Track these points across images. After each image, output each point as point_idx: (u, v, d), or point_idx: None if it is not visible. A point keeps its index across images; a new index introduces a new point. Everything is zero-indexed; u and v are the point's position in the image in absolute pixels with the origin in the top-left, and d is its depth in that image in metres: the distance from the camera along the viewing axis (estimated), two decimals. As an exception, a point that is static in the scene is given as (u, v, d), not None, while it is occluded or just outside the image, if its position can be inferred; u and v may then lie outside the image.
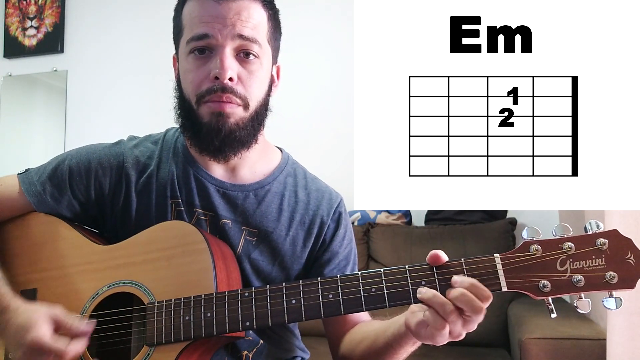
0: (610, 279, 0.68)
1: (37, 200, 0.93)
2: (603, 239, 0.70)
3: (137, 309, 0.86)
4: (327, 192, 1.01)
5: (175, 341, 0.79)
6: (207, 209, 0.93)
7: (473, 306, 0.69)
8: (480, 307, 0.69)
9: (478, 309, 0.69)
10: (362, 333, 0.94)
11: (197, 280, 0.81)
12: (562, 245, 0.71)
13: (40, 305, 0.82)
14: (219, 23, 0.84)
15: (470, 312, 0.69)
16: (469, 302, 0.69)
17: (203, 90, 0.85)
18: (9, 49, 3.24)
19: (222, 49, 0.85)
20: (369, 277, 0.76)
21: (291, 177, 1.00)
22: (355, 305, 0.75)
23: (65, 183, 0.93)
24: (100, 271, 0.87)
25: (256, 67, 0.88)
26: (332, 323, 1.00)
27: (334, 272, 0.98)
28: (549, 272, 0.70)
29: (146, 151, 0.96)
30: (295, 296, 0.77)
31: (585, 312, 0.70)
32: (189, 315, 0.79)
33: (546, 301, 0.71)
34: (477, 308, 0.69)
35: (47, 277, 0.90)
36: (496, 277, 0.72)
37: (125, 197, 0.93)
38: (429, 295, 0.71)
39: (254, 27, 0.86)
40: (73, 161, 0.94)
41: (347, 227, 1.02)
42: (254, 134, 0.91)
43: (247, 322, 0.77)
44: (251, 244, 0.93)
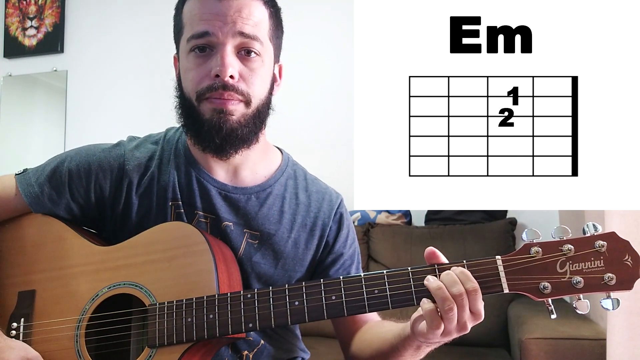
0: (609, 280, 0.69)
1: (34, 201, 0.92)
2: (602, 241, 0.71)
3: (137, 310, 0.86)
4: (328, 193, 1.01)
5: (178, 343, 0.79)
6: (208, 211, 0.92)
7: (453, 287, 0.71)
8: (459, 291, 0.70)
9: (457, 293, 0.70)
10: (374, 334, 0.94)
11: (199, 281, 0.81)
12: (562, 248, 0.72)
13: (19, 346, 0.82)
14: (220, 20, 0.84)
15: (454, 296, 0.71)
16: (451, 282, 0.71)
17: (203, 87, 0.85)
18: (9, 49, 3.24)
19: (222, 47, 0.84)
20: (371, 278, 0.76)
21: (292, 179, 1.00)
22: (358, 307, 0.75)
23: (65, 186, 0.91)
24: (100, 272, 0.87)
25: (257, 65, 0.88)
26: (341, 323, 1.00)
27: (339, 272, 0.98)
28: (549, 274, 0.71)
29: (147, 152, 0.96)
30: (298, 298, 0.77)
31: (584, 312, 0.71)
32: (192, 317, 0.79)
33: (546, 302, 0.72)
34: (457, 291, 0.71)
35: (46, 278, 0.89)
36: (498, 279, 0.72)
37: (126, 199, 0.92)
38: (435, 285, 0.72)
39: (254, 25, 0.86)
40: (72, 163, 0.93)
41: (350, 227, 1.02)
42: (256, 132, 0.91)
43: (250, 324, 0.77)
44: (253, 246, 0.93)
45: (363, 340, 0.96)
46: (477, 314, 0.72)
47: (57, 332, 0.85)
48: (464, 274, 0.72)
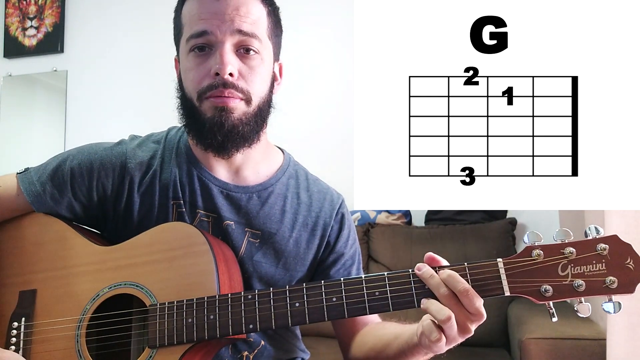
0: (611, 283, 0.69)
1: (36, 200, 0.91)
2: (603, 244, 0.70)
3: (138, 310, 0.86)
4: (329, 193, 1.02)
5: (178, 343, 0.79)
6: (210, 210, 0.92)
7: (439, 290, 0.71)
8: (445, 294, 0.71)
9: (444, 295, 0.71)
10: (375, 336, 0.94)
11: (199, 282, 0.81)
12: (564, 250, 0.71)
13: (12, 357, 0.81)
14: (218, 19, 0.84)
15: (441, 299, 0.71)
16: (436, 286, 0.72)
17: (204, 86, 0.85)
18: (9, 49, 3.24)
19: (221, 45, 0.84)
20: (372, 280, 0.76)
21: (293, 179, 1.00)
22: (359, 308, 0.75)
23: (67, 184, 0.91)
24: (101, 272, 0.87)
25: (257, 63, 0.88)
26: (342, 324, 1.00)
27: (340, 273, 0.98)
28: (550, 277, 0.71)
29: (149, 151, 0.96)
30: (299, 299, 0.77)
31: (585, 316, 0.71)
32: (192, 317, 0.79)
33: (547, 305, 0.72)
34: (444, 293, 0.71)
35: (47, 277, 0.89)
36: (499, 282, 0.72)
37: (127, 198, 0.92)
38: (427, 304, 0.72)
39: (253, 23, 0.86)
40: (74, 162, 0.92)
41: (351, 227, 1.02)
42: (257, 130, 0.91)
43: (251, 325, 0.77)
44: (254, 245, 0.93)
45: (364, 343, 0.96)
46: (477, 314, 0.72)
47: (58, 332, 0.85)
48: (451, 277, 0.72)
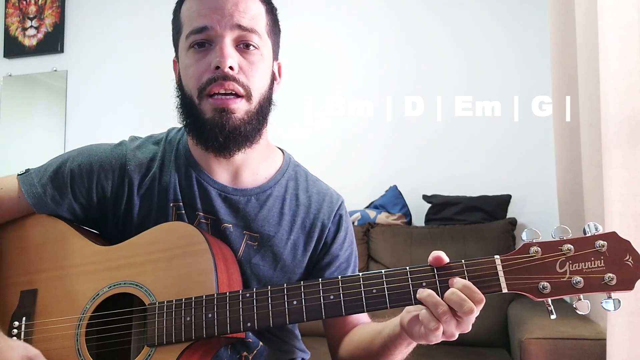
0: (609, 280, 0.69)
1: (37, 202, 0.92)
2: (602, 241, 0.70)
3: (137, 309, 0.86)
4: (329, 194, 1.01)
5: (177, 342, 0.79)
6: (208, 212, 0.92)
7: (463, 306, 0.69)
8: (470, 308, 0.69)
9: (468, 310, 0.69)
10: (360, 335, 0.94)
11: (198, 281, 0.81)
12: (562, 247, 0.71)
13: (20, 345, 0.82)
14: (217, 14, 0.85)
15: (461, 313, 0.70)
16: (460, 302, 0.69)
17: (204, 81, 0.85)
18: (9, 49, 3.24)
19: (221, 39, 0.85)
20: (370, 278, 0.76)
21: (292, 181, 1.00)
22: (357, 306, 0.75)
23: (67, 186, 0.92)
24: (101, 272, 0.87)
25: (257, 58, 0.88)
26: (332, 325, 1.00)
27: (334, 275, 0.98)
28: (548, 274, 0.71)
29: (149, 153, 0.96)
30: (297, 297, 0.77)
31: (585, 313, 0.70)
32: (190, 316, 0.79)
33: (546, 302, 0.72)
34: (468, 309, 0.69)
35: (47, 277, 0.90)
36: (496, 279, 0.72)
37: (127, 199, 0.92)
38: (424, 294, 0.72)
39: (252, 18, 0.87)
40: (75, 164, 0.93)
41: (348, 230, 1.02)
42: (259, 128, 0.91)
43: (249, 323, 0.77)
44: (252, 248, 0.93)
45: (350, 342, 0.96)
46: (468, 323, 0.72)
47: (58, 331, 0.86)
48: (468, 288, 0.71)
